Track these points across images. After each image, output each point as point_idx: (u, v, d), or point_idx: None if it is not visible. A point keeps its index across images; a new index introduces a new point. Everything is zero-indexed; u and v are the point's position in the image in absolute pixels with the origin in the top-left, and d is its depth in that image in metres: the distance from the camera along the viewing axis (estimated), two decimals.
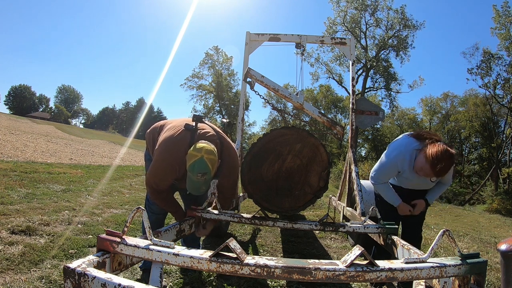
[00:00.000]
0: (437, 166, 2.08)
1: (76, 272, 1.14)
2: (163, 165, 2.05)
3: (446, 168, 2.11)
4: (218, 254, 1.28)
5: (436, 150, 2.09)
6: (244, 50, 4.32)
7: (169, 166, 2.04)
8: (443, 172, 2.14)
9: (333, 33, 27.47)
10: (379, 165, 2.46)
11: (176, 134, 2.08)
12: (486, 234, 6.44)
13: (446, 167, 2.11)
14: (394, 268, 1.29)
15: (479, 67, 24.91)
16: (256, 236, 4.07)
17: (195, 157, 1.85)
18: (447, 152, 2.08)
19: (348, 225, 2.36)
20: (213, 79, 37.37)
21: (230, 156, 2.19)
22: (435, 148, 2.10)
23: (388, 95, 30.38)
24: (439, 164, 2.07)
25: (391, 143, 2.51)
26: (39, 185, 5.27)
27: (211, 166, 1.88)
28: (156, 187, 2.10)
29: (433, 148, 2.11)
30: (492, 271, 3.19)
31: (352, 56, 4.30)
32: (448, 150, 2.09)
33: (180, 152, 2.00)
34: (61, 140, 17.72)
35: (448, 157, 2.08)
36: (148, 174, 2.11)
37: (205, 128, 2.15)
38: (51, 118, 66.29)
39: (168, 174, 2.06)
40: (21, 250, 2.48)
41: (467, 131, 31.69)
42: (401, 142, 2.38)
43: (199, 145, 1.91)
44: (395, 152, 2.35)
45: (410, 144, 2.29)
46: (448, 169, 2.14)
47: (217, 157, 1.96)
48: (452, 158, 2.11)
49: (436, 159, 2.07)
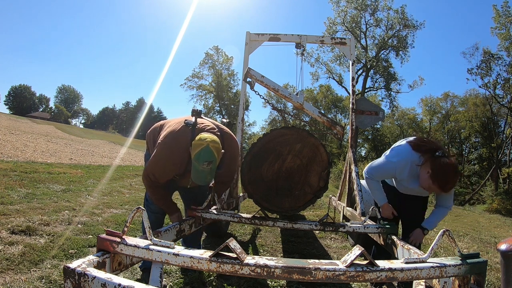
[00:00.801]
0: (446, 186, 2.07)
1: (76, 272, 1.14)
2: (163, 159, 2.05)
3: (454, 183, 2.10)
4: (218, 254, 1.28)
5: (441, 170, 2.04)
6: (244, 50, 4.32)
7: (169, 160, 2.05)
8: (452, 187, 2.13)
9: (333, 33, 27.47)
10: (378, 164, 2.42)
11: (177, 130, 2.09)
12: (486, 234, 6.44)
13: (454, 183, 2.10)
14: (394, 268, 1.29)
15: (479, 67, 24.93)
16: (256, 236, 4.07)
17: (200, 146, 1.88)
18: (451, 168, 2.04)
19: (348, 225, 2.36)
20: (213, 79, 37.39)
21: (232, 147, 2.23)
22: (439, 166, 2.04)
23: (388, 95, 30.41)
24: (448, 184, 2.06)
25: (394, 146, 2.43)
26: (39, 185, 5.27)
27: (216, 155, 1.91)
28: (153, 179, 2.09)
29: (436, 166, 2.05)
30: (492, 271, 3.19)
31: (352, 56, 4.30)
32: (452, 166, 2.04)
33: (181, 148, 2.02)
34: (61, 140, 17.72)
35: (453, 174, 2.06)
36: (148, 166, 2.11)
37: (204, 123, 2.17)
38: (51, 118, 66.28)
39: (167, 168, 2.07)
40: (21, 250, 2.48)
41: (467, 131, 31.69)
42: (403, 150, 2.29)
43: (203, 136, 1.94)
44: (396, 159, 2.29)
45: (411, 155, 2.22)
46: (456, 183, 2.13)
47: (221, 146, 1.98)
48: (457, 172, 2.09)
49: (443, 180, 2.05)
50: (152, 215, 2.37)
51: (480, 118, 29.92)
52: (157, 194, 2.19)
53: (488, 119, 29.22)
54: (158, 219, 2.45)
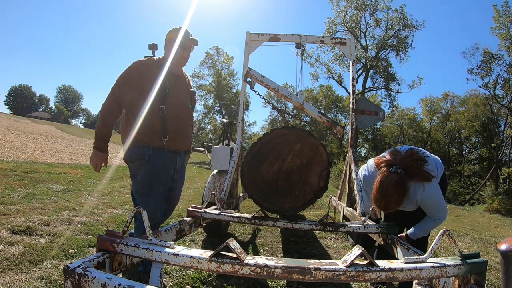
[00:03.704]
0: (380, 203, 1.81)
1: (76, 272, 1.14)
2: (131, 67, 2.16)
3: (388, 202, 1.78)
4: (218, 254, 1.28)
5: (377, 185, 1.79)
6: (244, 50, 4.31)
7: (138, 66, 2.15)
8: (388, 205, 1.81)
9: (333, 33, 27.43)
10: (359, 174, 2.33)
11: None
12: (486, 234, 6.44)
13: (388, 201, 1.78)
14: (394, 268, 1.29)
15: (479, 67, 24.89)
16: (256, 236, 4.06)
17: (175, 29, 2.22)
18: (387, 184, 1.74)
19: (348, 225, 2.36)
20: (213, 79, 37.35)
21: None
22: (378, 181, 1.79)
23: (388, 95, 30.36)
24: (381, 201, 1.79)
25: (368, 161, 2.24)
26: (39, 185, 5.27)
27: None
28: (117, 90, 2.12)
29: (377, 180, 1.80)
30: (492, 271, 3.19)
31: (352, 56, 4.30)
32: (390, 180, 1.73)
33: (148, 65, 2.16)
34: (61, 140, 17.72)
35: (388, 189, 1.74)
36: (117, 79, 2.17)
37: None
38: (51, 118, 66.25)
39: (137, 73, 2.12)
40: (21, 250, 2.48)
41: (467, 131, 31.69)
42: (369, 165, 2.15)
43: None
44: (362, 174, 2.21)
45: (374, 171, 2.02)
46: (395, 203, 1.79)
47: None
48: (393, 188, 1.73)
49: (376, 196, 1.80)
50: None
51: (480, 118, 29.93)
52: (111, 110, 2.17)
53: (488, 119, 29.23)
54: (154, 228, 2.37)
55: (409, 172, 1.80)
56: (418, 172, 1.85)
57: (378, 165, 1.94)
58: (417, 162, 1.89)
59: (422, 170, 1.88)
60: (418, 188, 1.87)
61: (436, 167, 2.05)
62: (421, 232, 2.10)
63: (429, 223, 2.08)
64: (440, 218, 2.06)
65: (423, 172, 1.87)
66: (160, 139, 2.14)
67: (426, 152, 2.12)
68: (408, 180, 1.80)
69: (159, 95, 2.11)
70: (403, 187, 1.77)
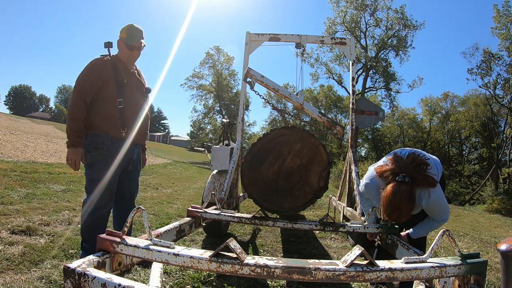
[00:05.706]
0: (392, 216, 1.76)
1: (76, 272, 1.14)
2: (88, 66, 2.30)
3: (400, 214, 1.74)
4: (218, 254, 1.28)
5: (386, 199, 1.74)
6: (244, 50, 4.31)
7: (96, 65, 2.30)
8: (400, 217, 1.77)
9: (333, 33, 27.42)
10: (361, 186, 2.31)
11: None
12: (486, 234, 6.44)
13: (400, 214, 1.74)
14: (394, 268, 1.29)
15: (479, 67, 24.88)
16: (256, 236, 4.06)
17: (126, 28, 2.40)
18: (398, 197, 1.69)
19: (348, 225, 2.36)
20: (213, 79, 37.32)
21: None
22: (386, 194, 1.74)
23: (388, 95, 30.34)
24: (393, 214, 1.75)
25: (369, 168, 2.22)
26: (39, 185, 5.27)
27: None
28: (79, 88, 2.24)
29: (386, 193, 1.75)
30: (492, 271, 3.19)
31: (352, 56, 4.30)
32: (400, 194, 1.69)
33: (104, 62, 2.31)
34: (61, 140, 17.70)
35: (399, 203, 1.70)
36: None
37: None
38: (51, 118, 66.20)
39: (95, 71, 2.28)
40: (21, 250, 2.48)
41: (467, 131, 31.68)
42: (370, 174, 2.13)
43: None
44: (365, 182, 2.19)
45: (376, 180, 1.99)
46: (406, 213, 1.75)
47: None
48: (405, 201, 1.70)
49: (387, 210, 1.75)
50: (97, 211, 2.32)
51: (480, 118, 29.93)
52: (78, 106, 2.25)
53: (488, 119, 29.22)
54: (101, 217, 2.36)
55: (416, 179, 1.77)
56: (424, 178, 1.82)
57: (381, 174, 1.87)
58: (420, 167, 1.86)
59: (427, 176, 1.85)
60: (424, 194, 1.86)
61: (436, 169, 2.06)
62: (423, 232, 2.15)
63: (432, 223, 2.12)
64: (444, 220, 2.10)
65: (428, 178, 1.84)
66: (119, 130, 2.33)
67: (426, 154, 2.12)
68: (415, 187, 1.78)
69: (116, 90, 2.32)
70: (414, 197, 1.75)
